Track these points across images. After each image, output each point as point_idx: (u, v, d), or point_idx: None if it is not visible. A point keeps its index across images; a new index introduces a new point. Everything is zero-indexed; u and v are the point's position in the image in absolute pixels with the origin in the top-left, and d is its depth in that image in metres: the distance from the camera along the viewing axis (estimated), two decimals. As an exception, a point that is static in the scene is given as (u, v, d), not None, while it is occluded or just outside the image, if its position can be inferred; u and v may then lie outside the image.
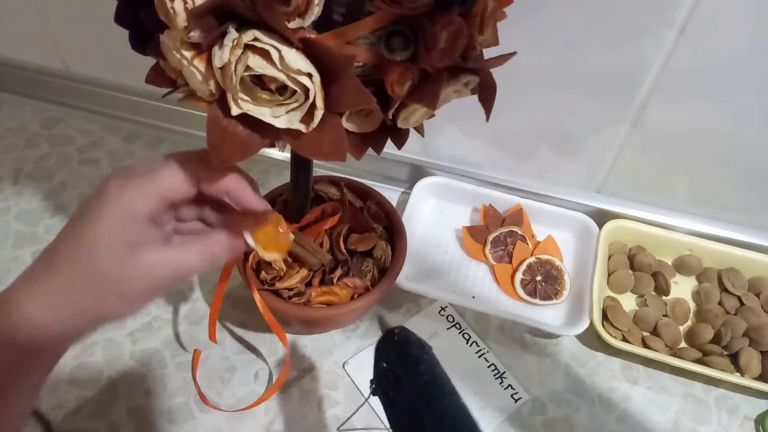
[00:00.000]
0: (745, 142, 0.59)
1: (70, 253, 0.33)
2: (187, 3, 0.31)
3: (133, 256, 0.33)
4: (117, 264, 0.32)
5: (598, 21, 0.53)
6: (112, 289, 0.33)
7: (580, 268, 0.66)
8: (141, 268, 0.33)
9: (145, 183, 0.33)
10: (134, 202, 0.33)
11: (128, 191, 0.33)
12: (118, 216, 0.32)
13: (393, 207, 0.61)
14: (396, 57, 0.35)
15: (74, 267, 0.33)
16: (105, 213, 0.32)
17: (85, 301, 0.33)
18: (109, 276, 0.32)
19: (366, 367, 0.59)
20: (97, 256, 0.32)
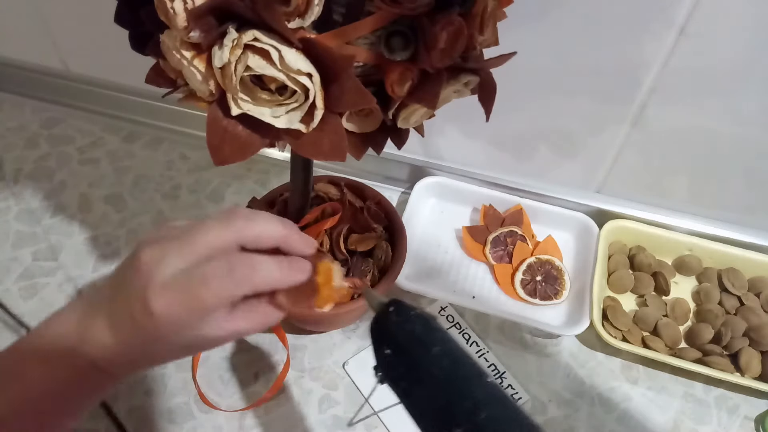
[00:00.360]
0: (745, 142, 0.59)
1: (133, 342, 0.34)
2: (187, 3, 0.31)
3: (196, 340, 0.34)
4: (184, 351, 0.35)
5: (598, 21, 0.53)
6: (176, 359, 0.36)
7: (580, 268, 0.66)
8: (204, 341, 0.34)
9: (192, 309, 0.32)
10: (188, 323, 0.33)
11: (179, 319, 0.32)
12: (175, 334, 0.33)
13: (393, 207, 0.61)
14: (396, 57, 0.35)
15: (138, 352, 0.34)
16: (162, 331, 0.33)
17: (152, 365, 0.38)
18: (176, 356, 0.36)
19: (366, 368, 0.59)
20: (166, 353, 0.35)
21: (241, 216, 0.34)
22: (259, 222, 0.35)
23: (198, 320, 0.33)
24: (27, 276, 0.64)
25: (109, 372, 0.35)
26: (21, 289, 0.63)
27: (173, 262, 0.33)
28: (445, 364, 0.32)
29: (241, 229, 0.34)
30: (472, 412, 0.30)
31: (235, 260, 0.33)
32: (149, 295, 0.32)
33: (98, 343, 0.34)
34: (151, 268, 0.32)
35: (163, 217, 0.70)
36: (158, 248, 0.33)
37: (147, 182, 0.74)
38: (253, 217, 0.35)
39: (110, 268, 0.65)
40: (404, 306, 0.35)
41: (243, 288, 0.33)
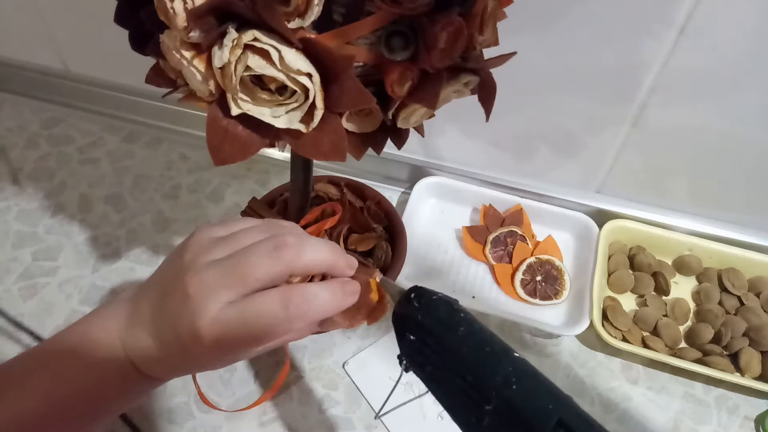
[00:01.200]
0: (745, 142, 0.59)
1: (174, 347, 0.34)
2: (187, 3, 0.31)
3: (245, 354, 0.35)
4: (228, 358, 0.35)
5: (598, 21, 0.53)
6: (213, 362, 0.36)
7: (580, 268, 0.66)
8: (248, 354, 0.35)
9: (242, 341, 0.33)
10: (231, 350, 0.33)
11: (224, 346, 0.33)
12: (218, 355, 0.34)
13: (393, 207, 0.61)
14: (396, 57, 0.35)
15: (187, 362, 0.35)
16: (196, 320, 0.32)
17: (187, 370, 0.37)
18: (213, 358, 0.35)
19: (366, 367, 0.59)
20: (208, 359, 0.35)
21: (290, 246, 0.34)
22: (308, 252, 0.34)
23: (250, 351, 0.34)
24: (27, 276, 0.64)
25: (150, 376, 0.36)
26: (21, 289, 0.63)
27: (224, 296, 0.32)
28: (471, 344, 0.32)
29: (291, 262, 0.33)
30: (502, 387, 0.30)
31: (289, 296, 0.33)
32: (200, 328, 0.32)
33: (143, 353, 0.34)
34: (200, 301, 0.32)
35: (163, 217, 0.70)
36: (206, 280, 0.32)
37: (147, 182, 0.74)
38: (302, 247, 0.34)
39: (110, 268, 0.65)
40: (425, 291, 0.35)
41: (298, 324, 0.33)
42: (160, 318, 0.34)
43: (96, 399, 0.35)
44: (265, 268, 0.33)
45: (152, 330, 0.34)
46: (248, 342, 0.33)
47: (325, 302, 0.34)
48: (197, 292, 0.32)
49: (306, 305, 0.33)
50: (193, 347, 0.32)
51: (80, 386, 0.34)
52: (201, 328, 0.32)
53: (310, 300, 0.33)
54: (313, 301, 0.33)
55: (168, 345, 0.34)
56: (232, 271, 0.33)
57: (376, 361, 0.59)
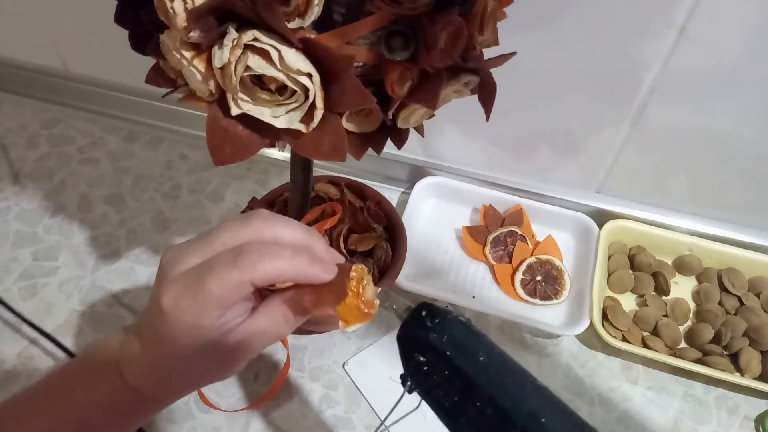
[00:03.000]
0: (745, 142, 0.59)
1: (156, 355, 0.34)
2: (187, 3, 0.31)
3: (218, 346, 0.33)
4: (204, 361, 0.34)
5: (598, 21, 0.53)
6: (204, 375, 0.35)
7: (580, 268, 0.66)
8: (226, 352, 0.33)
9: (197, 299, 0.31)
10: (196, 319, 0.32)
11: (186, 310, 0.31)
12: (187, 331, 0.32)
13: (393, 207, 0.61)
14: (396, 57, 0.35)
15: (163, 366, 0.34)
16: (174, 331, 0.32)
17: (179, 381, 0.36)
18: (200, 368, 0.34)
19: (366, 367, 0.59)
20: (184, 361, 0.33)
21: (261, 216, 0.33)
22: (280, 224, 0.34)
23: (210, 316, 0.31)
24: (27, 276, 0.64)
25: (143, 393, 0.35)
26: (21, 289, 0.63)
27: (188, 260, 0.32)
28: (493, 373, 0.31)
29: (259, 229, 0.33)
30: (529, 421, 0.29)
31: (242, 247, 0.32)
32: (161, 291, 0.32)
33: (130, 359, 0.34)
34: (168, 268, 0.32)
35: (163, 217, 0.70)
36: (177, 249, 0.33)
37: (147, 182, 0.74)
38: (273, 218, 0.34)
39: (110, 268, 0.65)
40: (438, 309, 0.33)
41: (248, 273, 0.31)
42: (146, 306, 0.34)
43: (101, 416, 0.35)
44: (232, 232, 0.33)
45: (138, 324, 0.35)
46: (202, 301, 0.31)
47: (280, 258, 0.32)
48: (166, 263, 0.33)
49: (257, 257, 0.31)
50: (157, 320, 0.32)
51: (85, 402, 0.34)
52: (161, 292, 0.32)
53: (264, 252, 0.31)
54: (266, 253, 0.31)
55: (146, 332, 0.34)
56: (201, 238, 0.33)
57: (376, 361, 0.59)
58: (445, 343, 0.32)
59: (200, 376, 0.35)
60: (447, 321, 0.32)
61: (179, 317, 0.31)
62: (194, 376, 0.35)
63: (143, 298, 0.63)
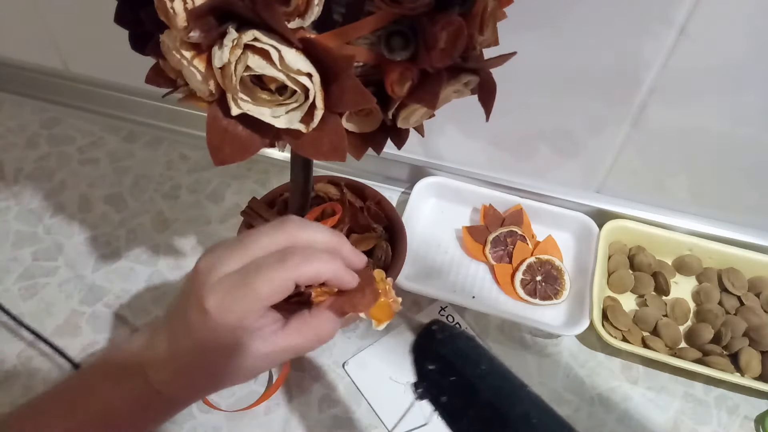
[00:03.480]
0: (745, 142, 0.59)
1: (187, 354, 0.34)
2: (187, 3, 0.31)
3: (250, 350, 0.34)
4: (234, 362, 0.34)
5: (598, 21, 0.53)
6: (227, 379, 0.35)
7: (580, 268, 0.66)
8: (257, 357, 0.34)
9: (244, 299, 0.33)
10: (240, 320, 0.33)
11: (231, 312, 0.33)
12: (228, 333, 0.33)
13: (393, 207, 0.61)
14: (396, 57, 0.35)
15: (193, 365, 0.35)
16: (214, 335, 0.33)
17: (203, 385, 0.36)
18: (227, 372, 0.35)
19: (366, 367, 0.59)
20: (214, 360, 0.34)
21: (294, 222, 0.35)
22: (312, 228, 0.36)
23: (254, 317, 0.33)
24: (27, 276, 0.64)
25: (165, 395, 0.35)
26: (21, 289, 0.63)
27: (228, 265, 0.33)
28: (493, 379, 0.35)
29: (293, 234, 0.35)
30: (524, 419, 0.33)
31: (288, 250, 0.34)
32: (204, 294, 0.32)
33: (155, 361, 0.35)
34: (207, 272, 0.33)
35: (163, 217, 0.70)
36: (213, 255, 0.34)
37: (147, 182, 0.74)
38: (305, 223, 0.36)
39: (110, 268, 0.65)
40: (447, 326, 0.38)
41: (293, 273, 0.33)
42: (175, 309, 0.35)
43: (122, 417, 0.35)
44: (268, 238, 0.34)
45: (166, 326, 0.35)
46: (249, 300, 0.32)
47: (324, 262, 0.34)
48: (204, 268, 0.34)
49: (303, 259, 0.33)
50: (198, 320, 0.33)
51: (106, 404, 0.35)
52: (205, 293, 0.32)
53: (308, 255, 0.34)
54: (310, 256, 0.34)
55: (177, 332, 0.34)
56: (237, 244, 0.34)
57: (376, 361, 0.59)
58: (451, 353, 0.36)
59: (225, 379, 0.35)
60: (454, 335, 0.37)
61: (224, 319, 0.32)
62: (220, 378, 0.35)
63: (143, 298, 0.63)
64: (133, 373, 0.35)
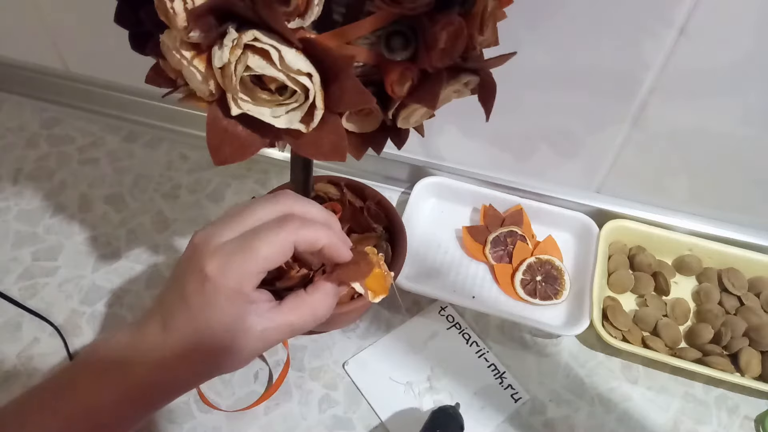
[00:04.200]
0: (745, 142, 0.59)
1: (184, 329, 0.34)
2: (187, 3, 0.31)
3: (246, 325, 0.34)
4: (232, 336, 0.34)
5: (598, 21, 0.53)
6: (225, 358, 0.34)
7: (580, 268, 0.66)
8: (253, 335, 0.34)
9: (245, 261, 0.33)
10: (240, 284, 0.33)
11: (231, 274, 0.33)
12: (227, 298, 0.33)
13: (393, 207, 0.61)
14: (396, 57, 0.35)
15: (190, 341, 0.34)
16: (210, 301, 0.33)
17: (200, 368, 0.35)
18: (225, 348, 0.34)
19: (366, 367, 0.59)
20: (212, 334, 0.34)
21: (289, 195, 0.36)
22: (306, 202, 0.37)
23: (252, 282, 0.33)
24: (27, 276, 0.64)
25: (159, 379, 0.35)
26: (21, 289, 0.63)
27: (225, 235, 0.34)
28: None
29: (289, 205, 0.36)
30: None
31: (286, 216, 0.35)
32: (203, 261, 0.33)
33: (148, 346, 0.34)
34: (204, 243, 0.34)
35: (163, 217, 0.70)
36: (209, 229, 0.35)
37: (147, 182, 0.74)
38: (299, 197, 0.37)
39: (110, 268, 0.65)
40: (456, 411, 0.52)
41: (294, 235, 0.34)
42: (169, 288, 0.35)
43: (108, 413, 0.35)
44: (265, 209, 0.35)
45: (160, 308, 0.35)
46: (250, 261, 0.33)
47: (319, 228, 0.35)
48: (200, 241, 0.34)
49: (301, 223, 0.34)
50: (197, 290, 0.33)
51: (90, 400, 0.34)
52: (205, 262, 0.33)
53: (306, 220, 0.35)
54: (307, 222, 0.35)
55: (173, 312, 0.34)
56: (233, 215, 0.35)
57: (376, 361, 0.59)
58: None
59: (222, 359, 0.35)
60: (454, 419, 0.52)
61: (224, 282, 0.32)
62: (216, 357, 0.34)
63: (143, 298, 0.63)
64: (118, 367, 0.34)
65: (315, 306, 0.36)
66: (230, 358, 0.35)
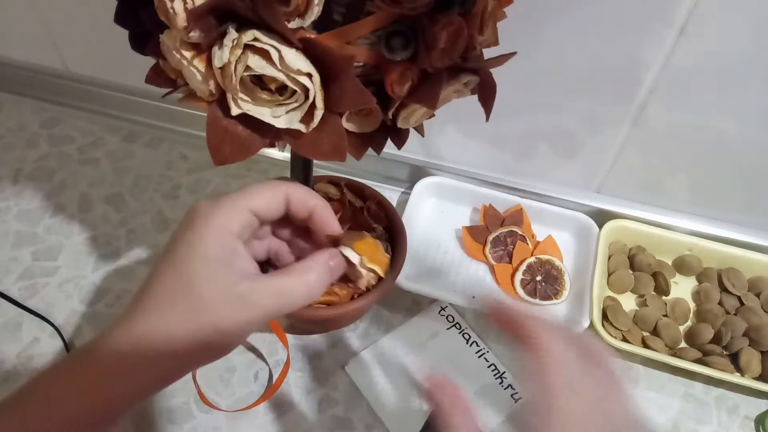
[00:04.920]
0: (745, 142, 0.59)
1: (167, 279, 0.32)
2: (187, 3, 0.31)
3: (232, 280, 0.32)
4: (216, 286, 0.32)
5: (598, 21, 0.53)
6: (209, 319, 0.31)
7: (580, 268, 0.66)
8: (240, 295, 0.32)
9: (234, 200, 0.34)
10: (226, 219, 0.33)
11: (218, 209, 0.33)
12: (213, 234, 0.33)
13: (393, 207, 0.61)
14: (396, 57, 0.35)
15: (173, 292, 0.32)
16: (198, 233, 0.33)
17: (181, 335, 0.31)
18: (208, 303, 0.31)
19: (366, 367, 0.59)
20: (195, 276, 0.32)
21: (281, 178, 0.38)
22: (303, 187, 0.37)
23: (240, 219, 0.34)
24: (27, 276, 0.64)
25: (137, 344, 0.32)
26: (21, 289, 0.63)
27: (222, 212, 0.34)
28: None
29: (289, 192, 0.36)
30: None
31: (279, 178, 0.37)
32: (194, 205, 0.34)
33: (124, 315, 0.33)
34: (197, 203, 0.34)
35: (163, 217, 0.70)
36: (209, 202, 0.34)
37: (147, 182, 0.74)
38: (291, 180, 0.38)
39: (110, 268, 0.65)
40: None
41: (285, 188, 0.36)
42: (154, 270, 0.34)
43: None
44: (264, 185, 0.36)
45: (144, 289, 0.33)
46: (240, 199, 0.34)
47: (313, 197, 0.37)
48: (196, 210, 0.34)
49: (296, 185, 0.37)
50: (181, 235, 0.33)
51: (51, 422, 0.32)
52: (195, 204, 0.34)
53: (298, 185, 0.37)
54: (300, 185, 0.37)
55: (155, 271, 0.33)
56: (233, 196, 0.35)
57: (376, 361, 0.59)
58: None
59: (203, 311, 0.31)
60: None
61: (211, 215, 0.33)
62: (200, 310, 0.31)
63: (143, 298, 0.63)
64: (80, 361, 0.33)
65: (306, 274, 0.35)
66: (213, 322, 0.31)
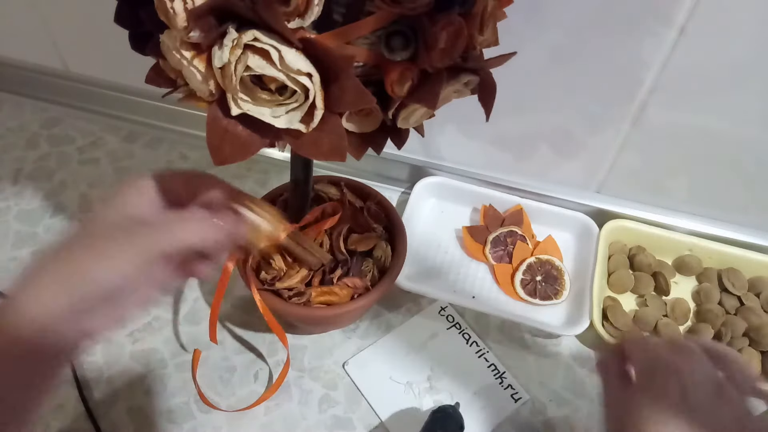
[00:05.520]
0: (744, 142, 0.59)
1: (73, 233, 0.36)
2: (187, 3, 0.31)
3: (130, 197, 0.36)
4: (106, 223, 0.35)
5: (598, 21, 0.53)
6: (98, 250, 0.34)
7: (580, 268, 0.66)
8: (126, 227, 0.34)
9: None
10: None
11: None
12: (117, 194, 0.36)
13: (393, 207, 0.61)
14: (396, 57, 0.35)
15: (68, 244, 0.36)
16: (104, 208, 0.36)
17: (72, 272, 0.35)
18: (98, 233, 0.35)
19: (366, 367, 0.59)
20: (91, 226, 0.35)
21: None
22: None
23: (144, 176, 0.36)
24: (27, 276, 0.64)
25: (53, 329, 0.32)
26: (21, 289, 0.63)
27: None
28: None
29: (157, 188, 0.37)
30: None
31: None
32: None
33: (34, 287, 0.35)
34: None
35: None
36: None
37: (147, 182, 0.74)
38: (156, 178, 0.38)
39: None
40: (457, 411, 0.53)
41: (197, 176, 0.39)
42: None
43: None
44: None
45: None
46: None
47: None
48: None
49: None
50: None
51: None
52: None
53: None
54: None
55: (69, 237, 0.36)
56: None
57: (376, 361, 0.59)
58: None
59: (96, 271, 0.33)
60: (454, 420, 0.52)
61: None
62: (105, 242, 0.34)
63: (143, 298, 0.63)
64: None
65: (202, 215, 0.37)
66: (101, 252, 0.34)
